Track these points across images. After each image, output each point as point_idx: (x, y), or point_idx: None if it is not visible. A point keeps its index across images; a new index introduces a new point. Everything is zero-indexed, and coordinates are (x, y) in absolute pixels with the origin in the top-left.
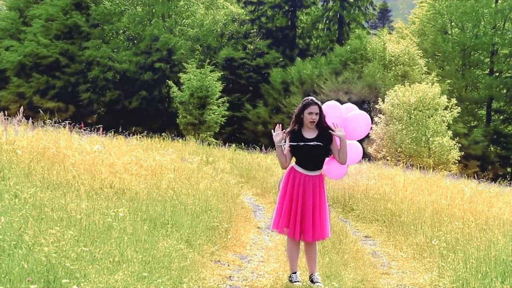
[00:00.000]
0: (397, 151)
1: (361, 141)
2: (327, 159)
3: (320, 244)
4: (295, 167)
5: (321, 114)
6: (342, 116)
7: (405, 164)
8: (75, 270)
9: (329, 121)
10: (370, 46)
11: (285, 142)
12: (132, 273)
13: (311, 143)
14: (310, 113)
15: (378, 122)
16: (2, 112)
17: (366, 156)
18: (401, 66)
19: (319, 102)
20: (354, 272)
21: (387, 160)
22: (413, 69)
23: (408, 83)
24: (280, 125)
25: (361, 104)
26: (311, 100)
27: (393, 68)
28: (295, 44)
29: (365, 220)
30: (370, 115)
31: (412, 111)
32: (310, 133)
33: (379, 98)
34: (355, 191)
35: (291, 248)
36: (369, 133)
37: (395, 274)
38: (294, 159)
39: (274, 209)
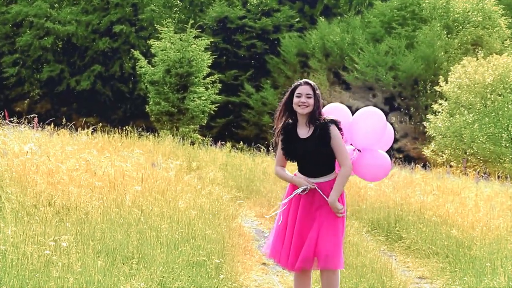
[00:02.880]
0: (466, 153)
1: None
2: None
3: None
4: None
5: (317, 97)
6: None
7: (478, 172)
8: None
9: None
10: (427, 1)
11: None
12: None
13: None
14: (298, 95)
15: (439, 112)
16: None
17: (420, 160)
18: (473, 29)
19: (312, 83)
20: None
21: (451, 166)
22: (490, 34)
23: (482, 54)
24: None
25: (413, 85)
26: (303, 81)
27: (461, 32)
28: None
29: (419, 254)
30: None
31: (489, 96)
32: (303, 130)
33: (440, 77)
34: (405, 211)
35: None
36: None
37: None
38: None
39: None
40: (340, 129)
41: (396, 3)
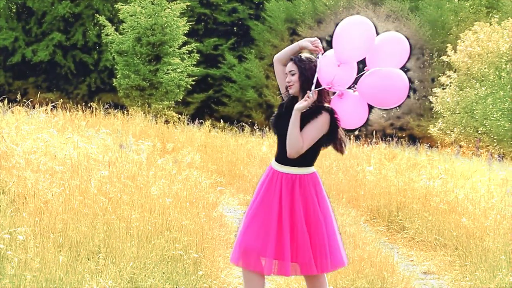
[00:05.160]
0: (477, 131)
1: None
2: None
3: (351, 285)
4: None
5: (303, 72)
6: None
7: (491, 153)
8: None
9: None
10: None
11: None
12: None
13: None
14: (286, 74)
15: (447, 85)
16: None
17: (426, 140)
18: None
19: (298, 57)
20: None
21: (461, 146)
22: None
23: (496, 19)
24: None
25: (418, 55)
26: (293, 56)
27: None
28: None
29: (424, 246)
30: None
31: (504, 66)
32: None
33: (448, 45)
34: (408, 198)
35: None
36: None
37: None
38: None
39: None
40: (334, 120)
41: None
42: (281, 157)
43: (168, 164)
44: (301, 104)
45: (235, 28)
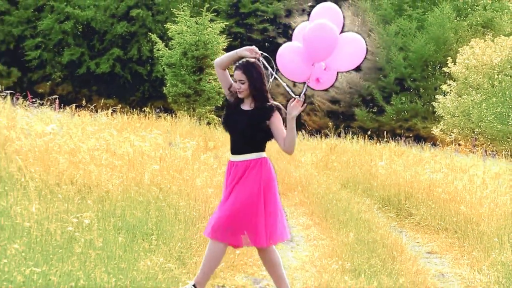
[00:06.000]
0: (474, 132)
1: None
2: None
3: (366, 263)
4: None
5: (252, 81)
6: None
7: (486, 150)
8: None
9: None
10: None
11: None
12: None
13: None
14: (234, 80)
15: (448, 92)
16: None
17: (429, 139)
18: (482, 11)
19: (246, 64)
20: None
21: (460, 145)
22: (500, 16)
23: (490, 36)
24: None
25: (423, 66)
26: (238, 63)
27: (470, 15)
28: None
29: (428, 230)
30: (434, 83)
31: (496, 76)
32: (246, 105)
33: (449, 58)
34: (414, 188)
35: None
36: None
37: None
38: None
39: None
40: (284, 117)
41: None
42: (236, 149)
43: (210, 160)
44: (295, 111)
45: (266, 44)
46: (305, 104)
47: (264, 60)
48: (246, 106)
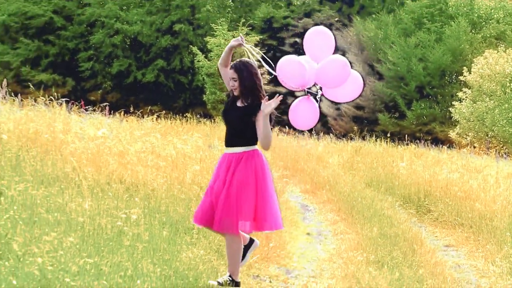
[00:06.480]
0: (487, 135)
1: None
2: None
3: (388, 255)
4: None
5: (242, 80)
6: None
7: (498, 152)
8: (77, 286)
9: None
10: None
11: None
12: None
13: (232, 114)
14: (230, 78)
15: (463, 99)
16: None
17: (447, 142)
18: (495, 24)
19: (239, 64)
20: None
21: (474, 147)
22: (511, 29)
23: (503, 48)
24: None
25: (441, 75)
26: (232, 63)
27: (484, 28)
28: None
29: (445, 225)
30: (450, 90)
31: (508, 84)
32: (240, 102)
33: (464, 68)
34: (433, 187)
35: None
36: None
37: None
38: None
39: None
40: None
41: (425, 1)
42: (229, 142)
43: None
44: (268, 109)
45: (296, 55)
46: (279, 101)
47: (251, 50)
48: (240, 102)
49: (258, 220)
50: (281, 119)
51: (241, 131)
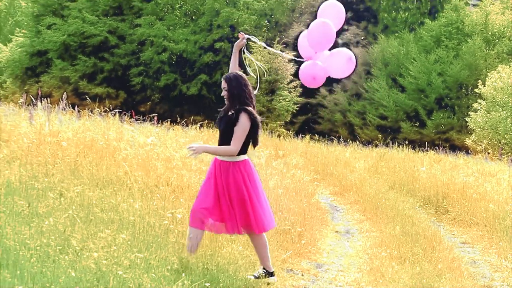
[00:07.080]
0: (500, 142)
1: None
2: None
3: (410, 251)
4: None
5: (231, 89)
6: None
7: (511, 158)
8: (128, 279)
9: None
10: (469, 19)
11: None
12: (192, 283)
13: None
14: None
15: (478, 109)
16: (44, 99)
17: (463, 148)
18: (508, 41)
19: (229, 76)
20: (449, 284)
21: (488, 153)
22: None
23: None
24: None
25: (458, 88)
26: (224, 75)
27: (497, 45)
28: (379, 19)
29: (462, 224)
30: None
31: None
32: (230, 112)
33: (479, 81)
34: (450, 189)
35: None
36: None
37: (498, 287)
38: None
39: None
40: (252, 118)
41: (444, 21)
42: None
43: (280, 165)
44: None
45: None
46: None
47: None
48: (230, 112)
49: (249, 225)
50: (312, 128)
51: (228, 139)
